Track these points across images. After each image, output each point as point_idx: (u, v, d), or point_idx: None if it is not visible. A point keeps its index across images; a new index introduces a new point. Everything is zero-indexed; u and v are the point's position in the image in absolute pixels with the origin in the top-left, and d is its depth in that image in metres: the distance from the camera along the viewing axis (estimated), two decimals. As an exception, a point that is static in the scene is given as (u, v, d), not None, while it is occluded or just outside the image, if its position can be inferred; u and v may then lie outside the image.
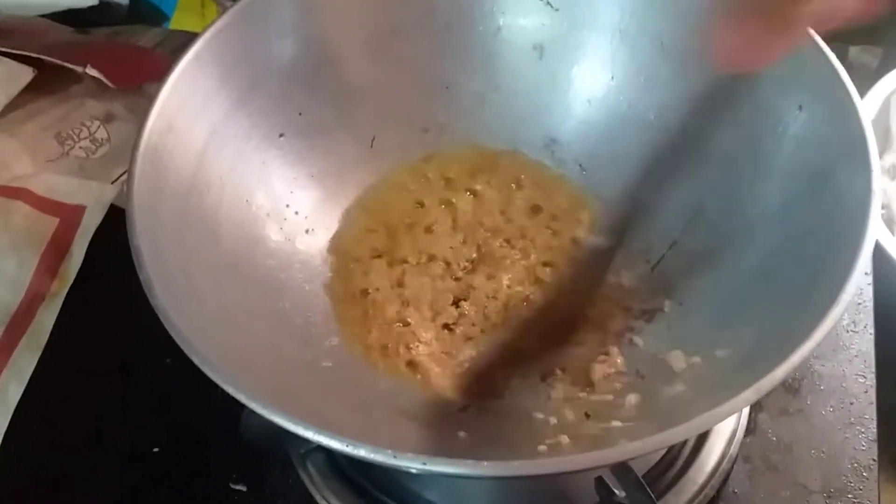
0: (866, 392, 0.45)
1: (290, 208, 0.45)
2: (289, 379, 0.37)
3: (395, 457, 0.27)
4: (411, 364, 0.41)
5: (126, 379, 0.49)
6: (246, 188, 0.42)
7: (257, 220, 0.42)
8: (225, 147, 0.42)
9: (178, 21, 0.76)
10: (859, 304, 0.48)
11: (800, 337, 0.29)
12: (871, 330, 0.47)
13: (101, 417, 0.48)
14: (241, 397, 0.29)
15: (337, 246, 0.45)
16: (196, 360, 0.30)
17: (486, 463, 0.27)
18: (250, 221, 0.42)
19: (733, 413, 0.28)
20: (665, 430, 0.27)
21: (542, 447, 0.34)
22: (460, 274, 0.45)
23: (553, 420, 0.37)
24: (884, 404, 0.45)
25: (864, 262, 0.31)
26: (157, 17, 0.76)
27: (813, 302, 0.31)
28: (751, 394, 0.28)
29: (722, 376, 0.34)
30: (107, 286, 0.45)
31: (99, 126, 0.56)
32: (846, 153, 0.34)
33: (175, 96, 0.39)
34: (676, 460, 0.42)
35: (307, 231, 0.45)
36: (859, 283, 0.49)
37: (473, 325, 0.43)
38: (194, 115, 0.40)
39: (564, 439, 0.36)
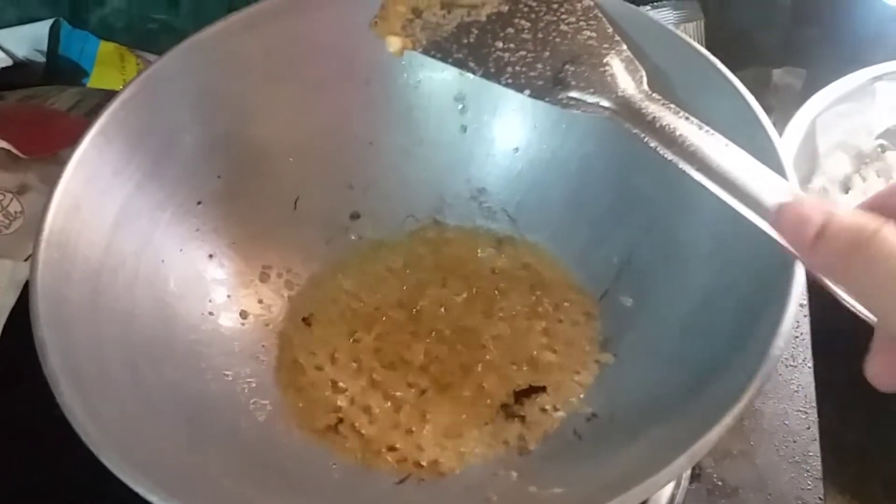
0: (808, 429, 0.44)
1: (210, 280, 0.43)
2: (211, 463, 0.35)
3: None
4: (347, 436, 0.40)
5: (54, 469, 0.46)
6: (161, 262, 0.40)
7: (175, 295, 0.40)
8: (138, 220, 0.40)
9: (98, 76, 0.74)
10: (797, 336, 0.48)
11: (733, 393, 0.29)
12: (810, 364, 0.47)
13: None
14: (154, 500, 0.28)
15: (264, 316, 0.44)
16: (107, 463, 0.29)
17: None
18: (168, 297, 0.40)
19: (669, 481, 0.27)
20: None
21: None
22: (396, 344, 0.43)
23: (490, 486, 0.36)
24: (826, 431, 0.44)
25: (794, 306, 0.31)
26: (77, 74, 0.74)
27: (747, 352, 0.31)
28: (684, 461, 0.27)
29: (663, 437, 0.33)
30: (27, 369, 0.43)
31: (12, 199, 0.53)
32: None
33: (81, 173, 0.38)
34: (623, 514, 0.41)
35: (229, 302, 0.43)
36: (796, 315, 0.49)
37: (413, 391, 0.42)
38: (103, 190, 0.39)
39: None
